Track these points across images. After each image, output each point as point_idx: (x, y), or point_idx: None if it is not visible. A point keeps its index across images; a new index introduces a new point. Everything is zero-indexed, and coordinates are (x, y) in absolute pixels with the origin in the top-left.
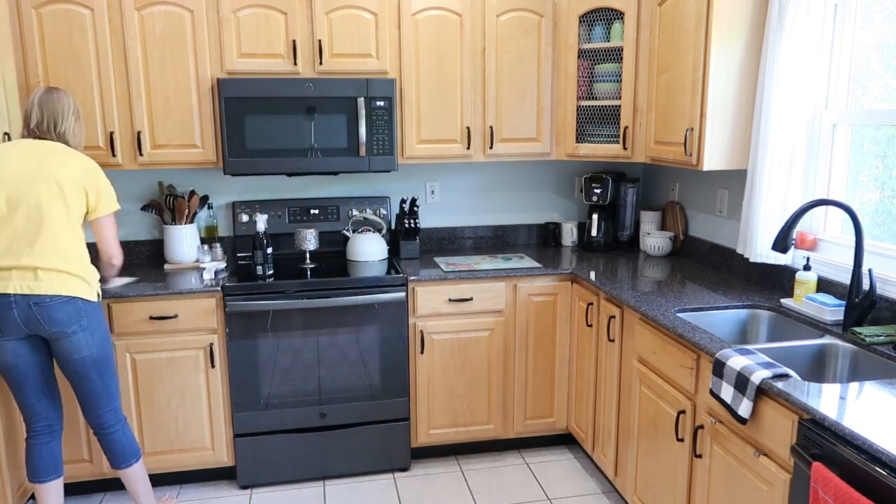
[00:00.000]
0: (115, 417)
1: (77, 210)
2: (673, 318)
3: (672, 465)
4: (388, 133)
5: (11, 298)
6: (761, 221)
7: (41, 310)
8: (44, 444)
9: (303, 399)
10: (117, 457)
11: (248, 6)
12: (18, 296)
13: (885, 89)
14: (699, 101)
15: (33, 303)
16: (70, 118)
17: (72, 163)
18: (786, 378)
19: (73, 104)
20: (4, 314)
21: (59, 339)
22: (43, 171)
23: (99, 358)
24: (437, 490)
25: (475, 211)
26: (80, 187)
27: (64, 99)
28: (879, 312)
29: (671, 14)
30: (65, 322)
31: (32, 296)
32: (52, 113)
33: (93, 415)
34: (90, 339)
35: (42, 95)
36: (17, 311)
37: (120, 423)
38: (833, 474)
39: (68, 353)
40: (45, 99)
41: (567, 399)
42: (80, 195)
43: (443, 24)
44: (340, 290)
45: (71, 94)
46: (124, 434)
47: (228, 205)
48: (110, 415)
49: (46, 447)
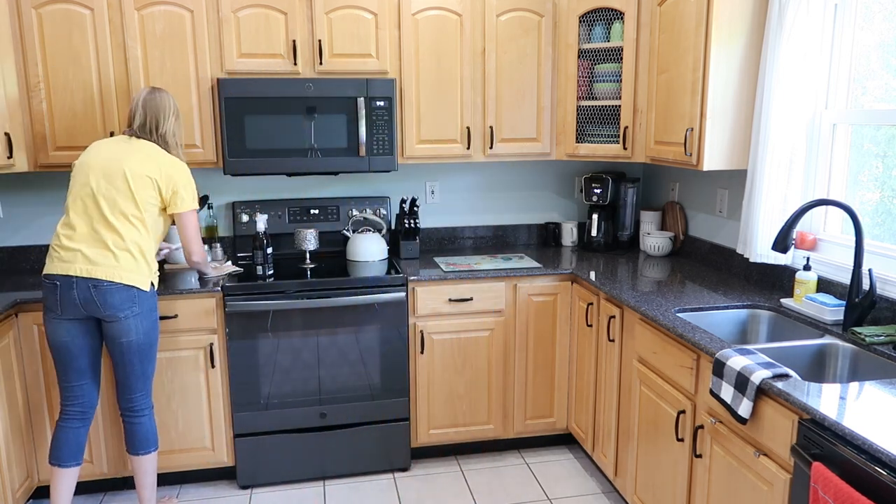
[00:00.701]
0: (146, 403)
1: (147, 204)
2: (673, 318)
3: (672, 465)
4: (388, 133)
5: (73, 280)
6: (761, 221)
7: (98, 293)
8: (72, 430)
9: (303, 399)
10: (139, 442)
11: (248, 6)
12: (80, 278)
13: (885, 89)
14: (699, 101)
15: (92, 285)
16: (171, 119)
17: (152, 160)
18: (786, 378)
19: (173, 105)
20: (65, 294)
21: (111, 322)
22: (122, 165)
23: (144, 344)
24: (437, 490)
25: (475, 211)
26: (152, 182)
27: (166, 100)
28: (879, 312)
29: (671, 14)
30: (118, 306)
31: (91, 279)
32: (154, 114)
33: (126, 397)
34: (139, 325)
35: (146, 96)
36: (77, 293)
37: (149, 409)
38: (833, 474)
39: (117, 335)
40: (149, 99)
41: (567, 399)
42: (152, 189)
43: (443, 24)
44: (340, 290)
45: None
46: (150, 421)
47: (228, 205)
48: (143, 399)
49: (74, 433)
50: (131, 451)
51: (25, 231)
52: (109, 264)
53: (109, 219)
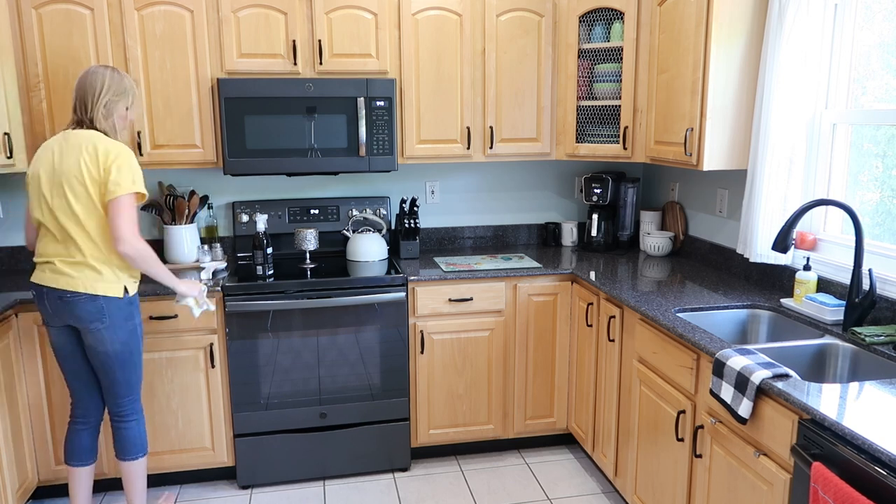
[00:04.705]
0: (132, 408)
1: (98, 201)
2: (673, 318)
3: (672, 465)
4: (388, 133)
5: (43, 290)
6: (761, 221)
7: (64, 304)
8: (77, 431)
9: (303, 399)
10: (125, 448)
11: (247, 6)
12: (49, 288)
13: (885, 89)
14: (699, 101)
15: (58, 297)
16: (103, 97)
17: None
18: (786, 378)
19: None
20: (39, 304)
21: (83, 332)
22: (61, 173)
23: (122, 353)
24: (437, 490)
25: (475, 211)
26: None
27: (97, 77)
28: (879, 312)
29: (671, 14)
30: (86, 318)
31: (57, 290)
32: (81, 97)
33: (111, 402)
34: (114, 336)
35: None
36: (48, 303)
37: (136, 415)
38: (833, 474)
39: (93, 345)
40: (79, 81)
41: (567, 399)
42: (95, 184)
43: (443, 24)
44: (340, 290)
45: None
46: (138, 426)
47: (228, 205)
48: (129, 404)
49: (78, 435)
50: (118, 455)
51: None
52: (71, 275)
53: (66, 228)
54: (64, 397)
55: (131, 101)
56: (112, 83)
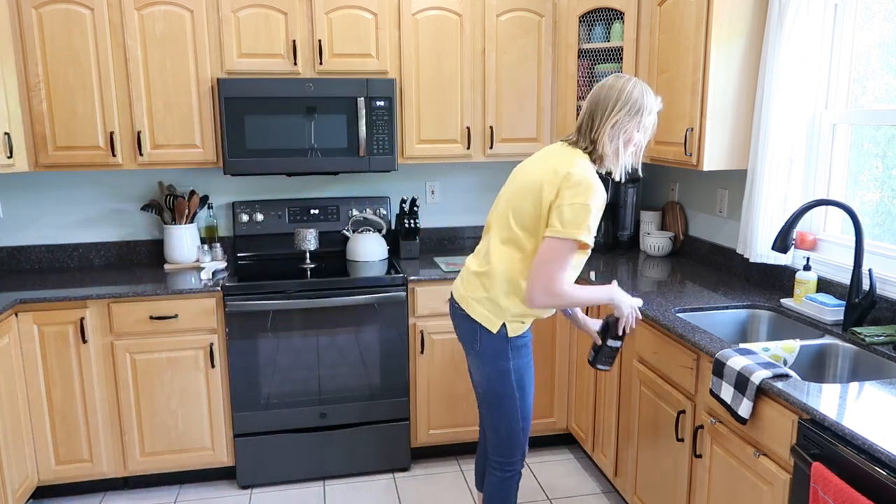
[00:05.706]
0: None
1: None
2: (673, 318)
3: (672, 466)
4: (388, 133)
5: (451, 297)
6: (761, 221)
7: (455, 317)
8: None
9: (303, 399)
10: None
11: (248, 6)
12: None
13: (885, 89)
14: (699, 101)
15: (454, 306)
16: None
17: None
18: (786, 378)
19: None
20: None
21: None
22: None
23: (488, 391)
24: (437, 490)
25: (475, 211)
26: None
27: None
28: (879, 312)
29: (671, 14)
30: (463, 337)
31: (453, 298)
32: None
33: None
34: (480, 366)
35: (595, 88)
36: (451, 312)
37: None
38: (833, 474)
39: (471, 369)
40: (594, 92)
41: (567, 399)
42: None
43: (443, 24)
44: (340, 290)
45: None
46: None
47: (228, 205)
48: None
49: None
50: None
51: (25, 231)
52: (463, 286)
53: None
54: (64, 397)
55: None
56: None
